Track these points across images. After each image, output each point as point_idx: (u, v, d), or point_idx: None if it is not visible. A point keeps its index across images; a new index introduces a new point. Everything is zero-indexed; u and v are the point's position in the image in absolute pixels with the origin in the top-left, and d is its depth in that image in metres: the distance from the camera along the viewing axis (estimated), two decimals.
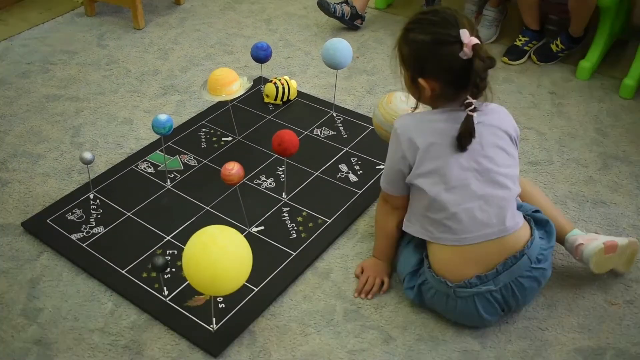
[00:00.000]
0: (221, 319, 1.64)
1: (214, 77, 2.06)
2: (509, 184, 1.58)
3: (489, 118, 1.56)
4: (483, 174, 1.55)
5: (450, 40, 1.46)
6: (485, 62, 1.46)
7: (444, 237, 1.57)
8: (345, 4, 2.96)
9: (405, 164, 1.59)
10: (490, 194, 1.55)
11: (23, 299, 1.72)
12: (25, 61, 2.76)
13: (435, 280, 1.60)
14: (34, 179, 2.12)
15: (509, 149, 1.59)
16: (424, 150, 1.55)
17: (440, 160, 1.54)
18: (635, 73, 2.54)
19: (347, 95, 2.56)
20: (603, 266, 1.71)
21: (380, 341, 1.61)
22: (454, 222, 1.55)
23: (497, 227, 1.55)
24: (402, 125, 1.60)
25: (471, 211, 1.54)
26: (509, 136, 1.60)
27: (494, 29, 2.95)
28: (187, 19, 3.13)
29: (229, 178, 1.74)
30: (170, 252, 1.83)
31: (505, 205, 1.56)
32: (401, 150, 1.59)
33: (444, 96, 1.55)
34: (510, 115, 1.65)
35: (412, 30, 1.54)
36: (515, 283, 1.57)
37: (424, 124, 1.58)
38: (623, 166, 2.19)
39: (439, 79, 1.52)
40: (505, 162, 1.58)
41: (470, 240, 1.55)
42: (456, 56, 1.46)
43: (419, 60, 1.53)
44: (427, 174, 1.56)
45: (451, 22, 1.48)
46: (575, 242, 1.71)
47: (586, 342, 1.61)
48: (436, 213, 1.57)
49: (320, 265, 1.82)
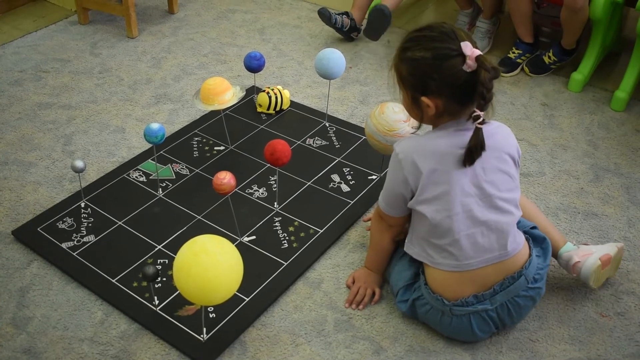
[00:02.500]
0: (212, 328, 1.64)
1: (206, 86, 2.06)
2: (511, 209, 1.56)
3: (493, 141, 1.51)
4: (485, 199, 1.52)
5: (452, 54, 1.43)
6: (491, 72, 1.42)
7: (444, 263, 1.56)
8: (346, 16, 2.97)
9: (407, 189, 1.56)
10: (493, 220, 1.53)
11: (12, 307, 1.71)
12: (18, 69, 2.76)
13: (431, 298, 1.59)
14: (25, 187, 2.11)
15: (511, 172, 1.56)
16: (427, 176, 1.51)
17: (443, 185, 1.51)
18: (627, 86, 2.56)
19: (339, 105, 2.57)
20: (601, 280, 1.73)
21: (371, 352, 1.61)
22: (456, 248, 1.53)
23: (499, 252, 1.54)
24: (404, 150, 1.55)
25: (473, 237, 1.52)
26: (512, 159, 1.57)
27: (487, 41, 2.97)
28: (180, 28, 3.14)
29: (221, 187, 1.73)
30: (161, 262, 1.82)
31: (507, 230, 1.54)
32: (403, 175, 1.55)
33: (448, 113, 1.50)
34: (512, 135, 1.61)
35: (410, 48, 1.49)
36: (511, 302, 1.57)
37: (427, 147, 1.53)
38: (614, 178, 2.20)
39: (443, 95, 1.47)
40: (507, 186, 1.55)
41: (471, 266, 1.54)
42: (459, 70, 1.42)
43: (420, 78, 1.48)
44: (430, 201, 1.53)
45: (450, 35, 1.45)
46: (571, 260, 1.71)
47: (577, 353, 1.61)
48: (438, 239, 1.55)
49: (312, 276, 1.82)
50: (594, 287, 1.73)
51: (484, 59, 1.42)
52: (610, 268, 1.74)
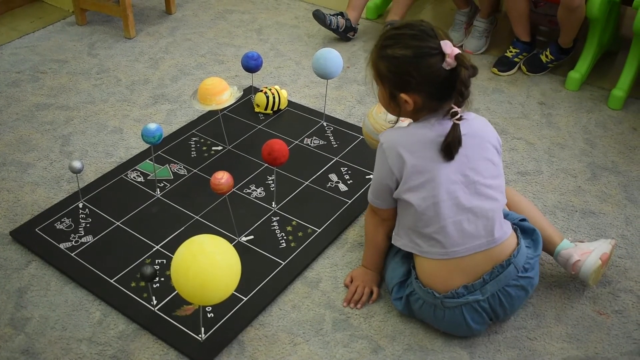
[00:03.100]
0: (210, 328, 1.64)
1: (204, 87, 2.06)
2: (496, 195, 1.58)
3: (473, 129, 1.56)
4: (470, 186, 1.54)
5: (433, 53, 1.46)
6: (469, 70, 1.46)
7: (432, 251, 1.57)
8: (341, 17, 2.97)
9: (393, 179, 1.58)
10: (478, 206, 1.55)
11: (10, 308, 1.71)
12: (15, 70, 2.76)
13: (422, 291, 1.60)
14: (23, 188, 2.11)
15: (494, 159, 1.59)
16: (412, 164, 1.54)
17: (428, 174, 1.54)
18: (624, 84, 2.56)
19: (337, 105, 2.57)
20: (598, 279, 1.74)
21: (369, 351, 1.61)
22: (443, 235, 1.54)
23: (486, 239, 1.55)
24: (388, 140, 1.58)
25: (459, 224, 1.54)
26: (493, 146, 1.60)
27: (484, 40, 2.96)
28: (178, 28, 3.14)
29: (219, 187, 1.73)
30: (159, 262, 1.82)
31: (493, 217, 1.56)
32: (388, 165, 1.57)
33: (427, 108, 1.54)
34: (490, 125, 1.65)
35: (390, 46, 1.52)
36: (503, 292, 1.57)
37: (410, 137, 1.57)
38: (612, 176, 2.20)
39: (422, 92, 1.51)
40: (492, 172, 1.58)
41: (458, 253, 1.55)
42: (439, 68, 1.46)
43: (400, 75, 1.51)
44: (416, 188, 1.55)
45: (429, 34, 1.48)
46: (571, 258, 1.71)
47: (575, 351, 1.62)
48: (425, 227, 1.56)
49: (310, 275, 1.82)
50: (592, 286, 1.73)
51: (463, 57, 1.47)
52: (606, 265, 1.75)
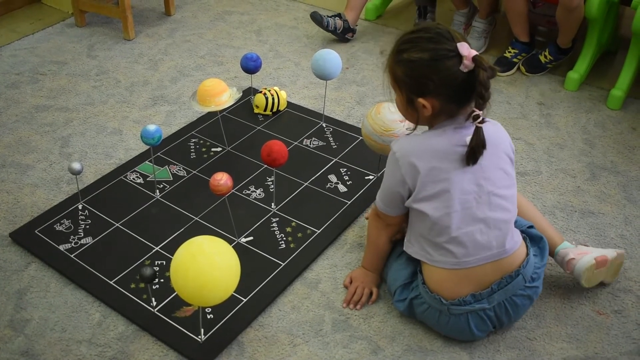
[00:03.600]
0: (209, 329, 1.64)
1: (203, 88, 2.06)
2: (509, 206, 1.56)
3: (491, 138, 1.51)
4: (483, 196, 1.52)
5: (450, 55, 1.43)
6: (488, 71, 1.42)
7: (443, 261, 1.55)
8: (338, 18, 2.98)
9: (405, 188, 1.56)
10: (491, 217, 1.53)
11: (10, 310, 1.71)
12: (15, 71, 2.76)
13: (429, 297, 1.59)
14: (23, 190, 2.11)
15: (508, 169, 1.57)
16: (425, 174, 1.51)
17: (442, 183, 1.51)
18: (623, 84, 2.56)
19: (336, 105, 2.57)
20: (593, 280, 1.73)
21: (369, 352, 1.61)
22: (455, 245, 1.53)
23: (497, 250, 1.54)
24: (401, 149, 1.55)
25: (472, 234, 1.52)
26: (507, 156, 1.57)
27: (483, 41, 2.97)
28: (177, 29, 3.14)
29: (218, 188, 1.73)
30: (159, 263, 1.82)
31: (505, 228, 1.55)
32: (400, 175, 1.54)
33: (445, 113, 1.51)
34: (503, 130, 1.62)
35: (406, 50, 1.49)
36: (509, 301, 1.57)
37: (424, 146, 1.54)
38: (611, 176, 2.20)
39: (440, 96, 1.48)
40: (504, 182, 1.56)
41: (469, 263, 1.54)
42: (456, 70, 1.43)
43: (417, 79, 1.48)
44: (429, 198, 1.53)
45: (446, 36, 1.45)
46: (567, 256, 1.71)
47: (574, 351, 1.62)
48: (437, 236, 1.55)
49: (309, 276, 1.82)
50: (586, 286, 1.72)
51: (481, 58, 1.43)
52: (606, 271, 1.73)
